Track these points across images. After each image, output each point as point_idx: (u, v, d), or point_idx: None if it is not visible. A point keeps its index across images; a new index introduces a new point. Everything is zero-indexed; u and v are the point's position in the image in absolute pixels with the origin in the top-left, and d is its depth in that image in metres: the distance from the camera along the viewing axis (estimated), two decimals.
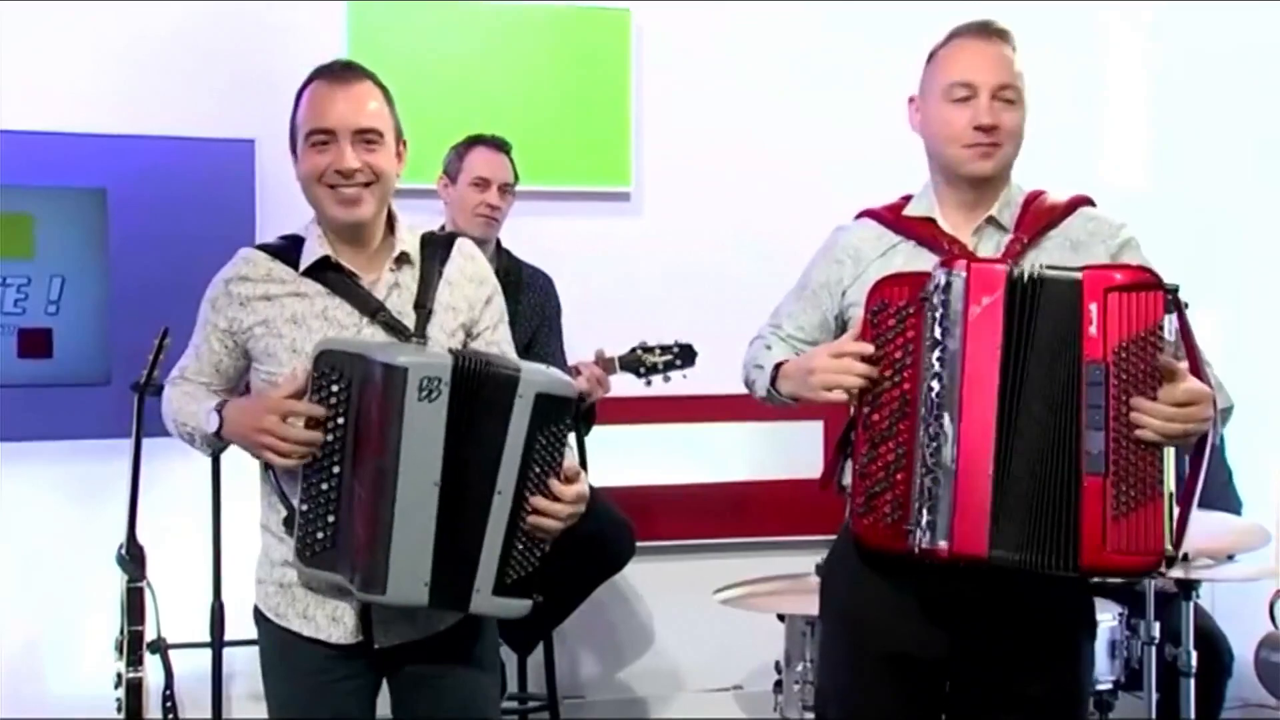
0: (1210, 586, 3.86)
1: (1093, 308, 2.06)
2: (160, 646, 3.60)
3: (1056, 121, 4.73)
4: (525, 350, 3.73)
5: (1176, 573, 3.28)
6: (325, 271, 2.31)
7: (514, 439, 2.18)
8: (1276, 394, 4.10)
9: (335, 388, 2.17)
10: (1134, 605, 3.38)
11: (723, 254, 4.35)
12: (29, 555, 3.97)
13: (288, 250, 2.35)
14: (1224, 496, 3.68)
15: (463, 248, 2.44)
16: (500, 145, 3.73)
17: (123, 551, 3.56)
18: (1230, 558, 3.38)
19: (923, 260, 2.28)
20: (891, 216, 2.40)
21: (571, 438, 2.35)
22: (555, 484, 2.21)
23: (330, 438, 2.18)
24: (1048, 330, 2.09)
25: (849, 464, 2.28)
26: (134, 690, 3.51)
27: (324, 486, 2.18)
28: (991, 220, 2.32)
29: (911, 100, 2.40)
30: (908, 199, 2.42)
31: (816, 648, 2.47)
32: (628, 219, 4.45)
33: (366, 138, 2.28)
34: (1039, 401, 2.09)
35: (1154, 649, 3.29)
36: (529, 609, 2.26)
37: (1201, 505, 3.34)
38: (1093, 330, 2.06)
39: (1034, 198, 2.36)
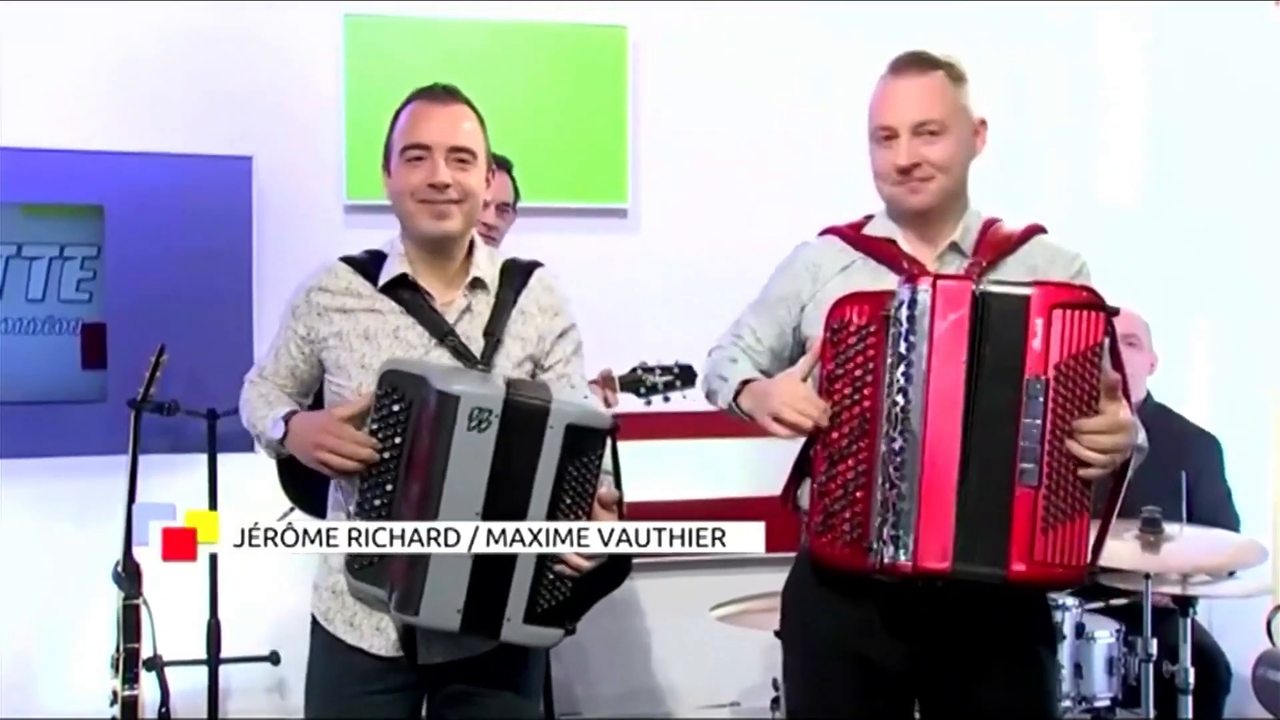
0: (1208, 603, 3.86)
1: (1038, 323, 2.11)
2: (156, 664, 3.59)
3: (1052, 128, 4.76)
4: None
5: (1174, 589, 3.30)
6: (402, 290, 2.35)
7: (545, 469, 2.20)
8: (1273, 407, 4.10)
9: (396, 407, 2.20)
10: (1132, 622, 3.38)
11: (721, 270, 4.33)
12: (25, 572, 3.95)
13: (369, 265, 2.39)
14: (1223, 514, 3.68)
15: (542, 278, 2.47)
16: (500, 163, 3.72)
17: (119, 569, 3.55)
18: (1229, 574, 3.39)
19: (883, 279, 2.31)
20: (853, 234, 2.43)
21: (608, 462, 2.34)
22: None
23: (387, 455, 2.21)
24: (1000, 343, 2.13)
25: (806, 483, 2.32)
26: (130, 707, 3.51)
27: (377, 502, 2.21)
28: (954, 246, 2.36)
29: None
30: (870, 218, 2.46)
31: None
32: (625, 235, 4.45)
33: (460, 156, 2.32)
34: (994, 415, 2.13)
35: (1151, 666, 3.29)
36: (560, 638, 2.28)
37: (1200, 523, 3.40)
38: (1036, 345, 2.11)
39: (990, 224, 2.40)
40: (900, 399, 2.13)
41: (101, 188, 3.96)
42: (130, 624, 3.54)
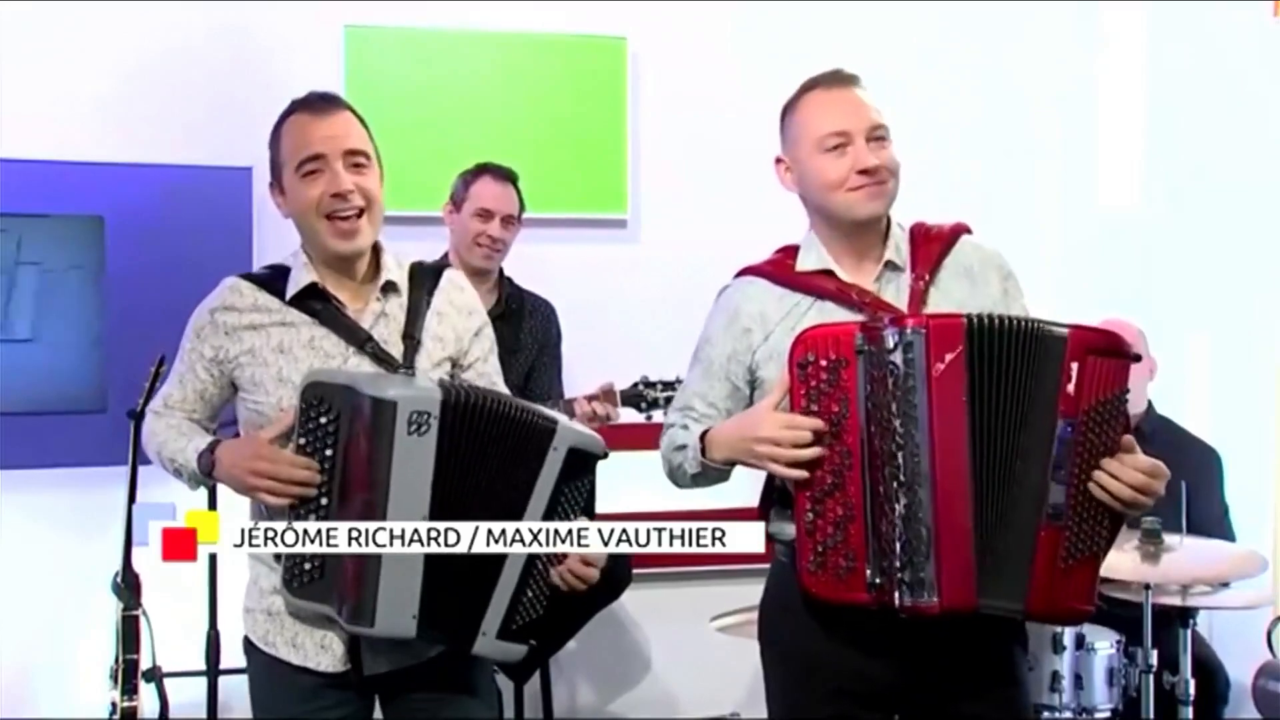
0: (1208, 614, 3.85)
1: (1074, 366, 2.11)
2: (155, 675, 3.59)
3: (1052, 131, 4.76)
4: (525, 379, 3.73)
5: (1174, 600, 3.29)
6: (312, 300, 2.31)
7: (542, 489, 2.21)
8: (1273, 419, 4.09)
9: (324, 419, 2.15)
10: (1132, 633, 3.37)
11: (720, 280, 4.32)
12: (24, 582, 3.95)
13: (274, 280, 2.35)
14: (1219, 531, 3.68)
15: (453, 278, 2.45)
16: (507, 175, 3.72)
17: (118, 579, 3.55)
18: (1227, 585, 3.39)
19: (832, 315, 2.29)
20: (786, 275, 2.38)
21: None
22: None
23: (317, 468, 2.17)
24: (1025, 381, 2.12)
25: (777, 515, 2.32)
26: (129, 718, 3.50)
27: (311, 519, 2.17)
28: (890, 264, 2.34)
29: (779, 161, 2.41)
30: (791, 251, 2.41)
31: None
32: (624, 246, 4.45)
33: (355, 160, 2.29)
34: (1009, 451, 2.13)
35: (1151, 677, 3.29)
36: (524, 654, 2.28)
37: (1199, 536, 3.39)
38: (1070, 388, 2.11)
39: (919, 230, 2.39)
40: (904, 443, 2.11)
41: (102, 199, 3.97)
42: (129, 635, 3.53)
